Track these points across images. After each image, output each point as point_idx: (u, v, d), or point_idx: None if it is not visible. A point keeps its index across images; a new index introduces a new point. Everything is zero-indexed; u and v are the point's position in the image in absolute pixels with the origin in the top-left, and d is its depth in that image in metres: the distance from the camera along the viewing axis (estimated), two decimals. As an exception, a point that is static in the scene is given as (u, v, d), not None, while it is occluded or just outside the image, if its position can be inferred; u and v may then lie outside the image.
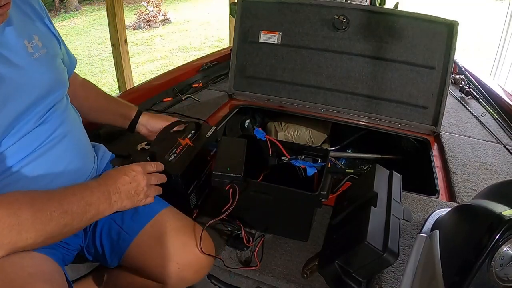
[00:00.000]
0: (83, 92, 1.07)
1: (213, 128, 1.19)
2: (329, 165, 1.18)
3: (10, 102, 0.70)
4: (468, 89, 1.87)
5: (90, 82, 1.13)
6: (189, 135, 1.12)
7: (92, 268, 1.05)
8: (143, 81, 1.93)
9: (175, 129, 1.12)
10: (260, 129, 1.24)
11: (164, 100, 1.68)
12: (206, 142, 1.12)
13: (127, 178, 0.78)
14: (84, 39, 7.39)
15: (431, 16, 1.45)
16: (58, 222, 0.65)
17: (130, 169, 0.80)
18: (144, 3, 8.16)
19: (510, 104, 1.68)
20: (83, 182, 0.78)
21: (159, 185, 0.87)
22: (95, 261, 0.98)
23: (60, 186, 0.74)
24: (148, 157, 1.02)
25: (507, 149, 1.41)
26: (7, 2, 0.66)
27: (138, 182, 0.80)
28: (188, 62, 2.09)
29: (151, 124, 1.13)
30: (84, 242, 0.91)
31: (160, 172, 0.94)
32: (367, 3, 2.18)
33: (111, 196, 0.75)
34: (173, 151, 1.05)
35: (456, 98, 1.87)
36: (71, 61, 0.98)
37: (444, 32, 1.43)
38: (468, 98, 1.85)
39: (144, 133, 1.15)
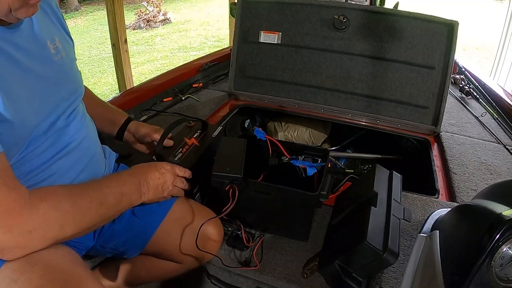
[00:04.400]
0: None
1: (220, 127, 1.19)
2: (329, 165, 1.18)
3: (48, 98, 0.73)
4: (468, 89, 1.87)
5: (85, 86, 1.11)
6: (195, 135, 1.12)
7: (97, 263, 1.05)
8: (143, 81, 1.93)
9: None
10: (260, 129, 1.24)
11: (164, 100, 1.68)
12: (212, 142, 1.11)
13: (157, 174, 0.84)
14: (84, 39, 7.38)
15: (431, 16, 1.45)
16: (95, 212, 0.69)
17: (160, 166, 0.86)
18: (144, 3, 8.15)
19: (510, 104, 1.68)
20: (115, 173, 0.85)
21: None
22: (113, 255, 0.98)
23: (85, 177, 0.78)
24: (154, 157, 1.02)
25: (507, 149, 1.41)
26: None
27: (166, 180, 0.85)
28: (188, 62, 2.09)
29: (139, 133, 1.07)
30: (93, 241, 0.91)
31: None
32: (367, 3, 2.18)
33: (141, 188, 0.80)
34: (179, 151, 1.05)
35: (456, 98, 1.87)
36: None
37: (444, 32, 1.43)
38: (468, 98, 1.85)
39: (131, 141, 1.09)
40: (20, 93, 0.66)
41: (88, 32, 7.90)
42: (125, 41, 3.05)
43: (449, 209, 0.96)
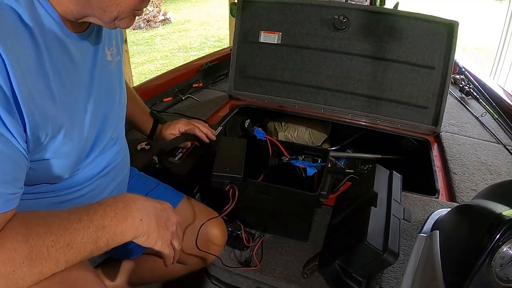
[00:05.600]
0: None
1: (220, 128, 1.20)
2: (329, 165, 1.18)
3: (98, 120, 0.70)
4: (468, 89, 1.87)
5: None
6: None
7: (98, 263, 1.04)
8: (143, 81, 1.93)
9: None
10: (260, 129, 1.24)
11: (164, 100, 1.68)
12: (212, 142, 1.12)
13: (158, 205, 0.67)
14: (84, 39, 7.38)
15: (431, 16, 1.45)
16: (58, 259, 0.52)
17: (161, 201, 0.69)
18: (144, 3, 8.14)
19: (510, 104, 1.68)
20: (96, 202, 0.60)
21: None
22: (115, 255, 0.98)
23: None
24: (154, 156, 1.02)
25: (507, 149, 1.41)
26: None
27: (169, 215, 0.68)
28: (188, 62, 2.08)
29: (163, 137, 1.10)
30: None
31: (167, 172, 0.97)
32: (367, 3, 2.18)
33: (134, 213, 0.60)
34: (179, 151, 1.06)
35: (456, 98, 1.87)
36: None
37: (444, 32, 1.43)
38: (468, 98, 1.85)
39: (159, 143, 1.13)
40: (84, 109, 0.64)
41: (88, 32, 7.88)
42: (125, 41, 3.05)
43: (449, 209, 0.96)
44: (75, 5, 0.56)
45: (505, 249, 0.63)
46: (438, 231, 0.85)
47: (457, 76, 2.00)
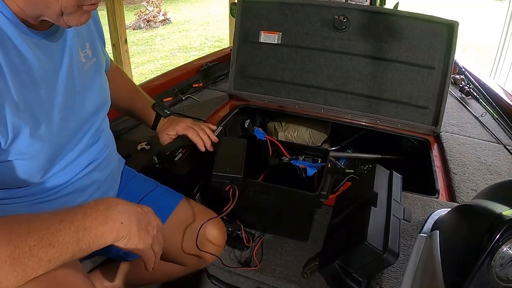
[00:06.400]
0: (112, 76, 0.98)
1: (220, 127, 1.20)
2: (329, 165, 1.18)
3: (77, 112, 0.70)
4: (468, 89, 1.87)
5: (123, 71, 1.10)
6: None
7: (97, 264, 1.04)
8: (143, 81, 1.93)
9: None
10: (260, 129, 1.24)
11: (164, 100, 1.68)
12: (212, 142, 1.12)
13: (139, 209, 0.65)
14: (84, 39, 7.37)
15: (431, 16, 1.45)
16: (40, 258, 0.51)
17: (142, 205, 0.67)
18: (144, 3, 8.15)
19: (510, 104, 1.68)
20: (78, 205, 0.59)
21: None
22: (114, 256, 0.98)
23: (100, 195, 0.70)
24: (154, 156, 1.02)
25: (507, 149, 1.41)
26: None
27: (150, 219, 0.66)
28: (188, 62, 2.08)
29: (161, 134, 1.10)
30: None
31: (167, 172, 0.97)
32: (367, 3, 2.18)
33: (115, 216, 0.59)
34: (180, 151, 1.06)
35: (456, 98, 1.87)
36: (106, 58, 0.94)
37: (444, 32, 1.43)
38: (468, 98, 1.85)
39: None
40: (50, 108, 0.64)
41: (88, 32, 7.87)
42: (125, 41, 3.06)
43: (449, 209, 0.96)
44: (22, 3, 0.56)
45: (505, 249, 0.63)
46: (438, 231, 0.85)
47: (457, 76, 2.00)
